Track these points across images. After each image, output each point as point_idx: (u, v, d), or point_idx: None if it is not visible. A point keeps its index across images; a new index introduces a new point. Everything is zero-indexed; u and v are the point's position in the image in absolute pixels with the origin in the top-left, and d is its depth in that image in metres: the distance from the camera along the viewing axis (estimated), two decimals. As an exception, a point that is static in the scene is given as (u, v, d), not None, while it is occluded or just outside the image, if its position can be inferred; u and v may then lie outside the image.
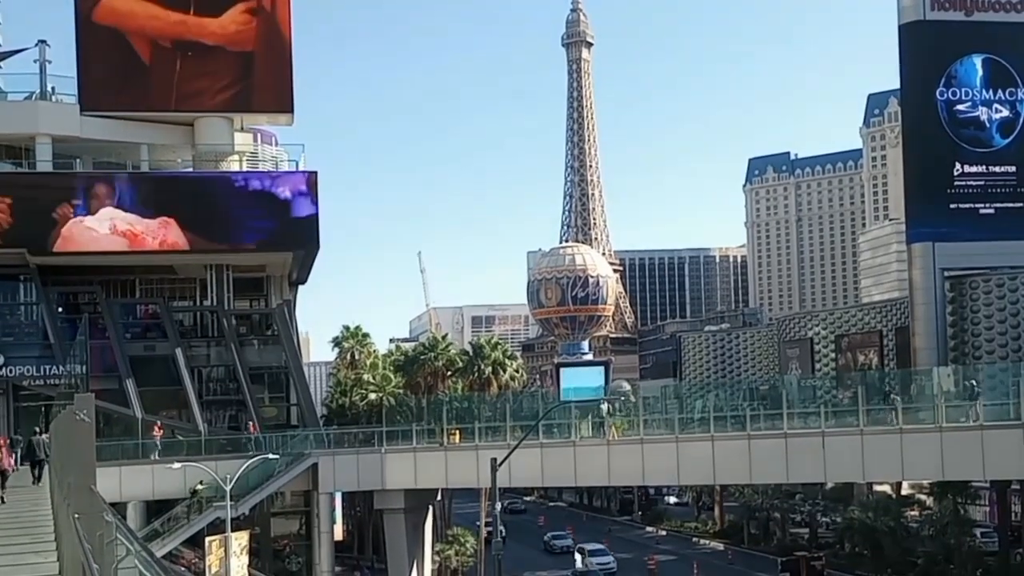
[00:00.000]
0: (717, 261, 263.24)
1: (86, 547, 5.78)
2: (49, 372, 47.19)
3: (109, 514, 6.75)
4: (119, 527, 6.25)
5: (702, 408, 49.42)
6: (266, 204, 49.77)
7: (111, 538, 6.06)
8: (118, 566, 5.32)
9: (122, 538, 5.71)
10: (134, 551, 5.00)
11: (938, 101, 71.02)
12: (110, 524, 6.37)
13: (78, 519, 6.96)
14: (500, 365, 63.85)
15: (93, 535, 6.70)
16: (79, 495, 7.54)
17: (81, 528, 6.56)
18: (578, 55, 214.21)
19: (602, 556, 65.98)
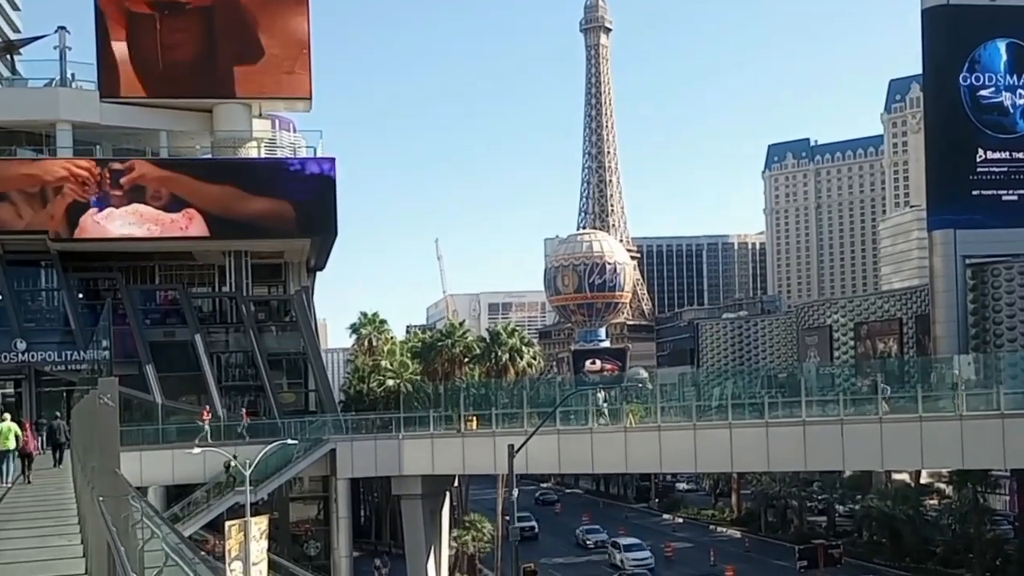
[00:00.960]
0: (735, 248, 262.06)
1: (112, 530, 5.80)
2: (70, 358, 47.62)
3: (134, 497, 6.79)
4: (145, 509, 6.28)
5: (720, 395, 49.29)
6: (284, 190, 49.86)
7: (136, 521, 6.09)
8: (144, 548, 5.34)
9: (148, 521, 5.73)
10: (161, 534, 5.01)
11: (961, 86, 70.43)
12: (135, 506, 6.41)
13: (103, 502, 7.00)
14: (517, 352, 63.80)
15: (118, 517, 6.74)
16: (104, 478, 7.59)
17: (106, 511, 6.60)
18: (596, 41, 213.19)
19: (638, 551, 63.01)
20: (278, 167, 52.42)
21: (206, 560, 4.58)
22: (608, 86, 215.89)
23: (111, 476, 7.52)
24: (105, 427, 7.94)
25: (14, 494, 21.33)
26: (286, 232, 50.57)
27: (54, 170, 47.88)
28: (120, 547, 5.38)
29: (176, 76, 49.75)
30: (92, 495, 8.18)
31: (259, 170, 51.62)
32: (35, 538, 13.27)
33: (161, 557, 4.84)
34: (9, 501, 19.32)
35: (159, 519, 5.63)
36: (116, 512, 6.75)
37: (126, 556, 5.21)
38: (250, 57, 50.43)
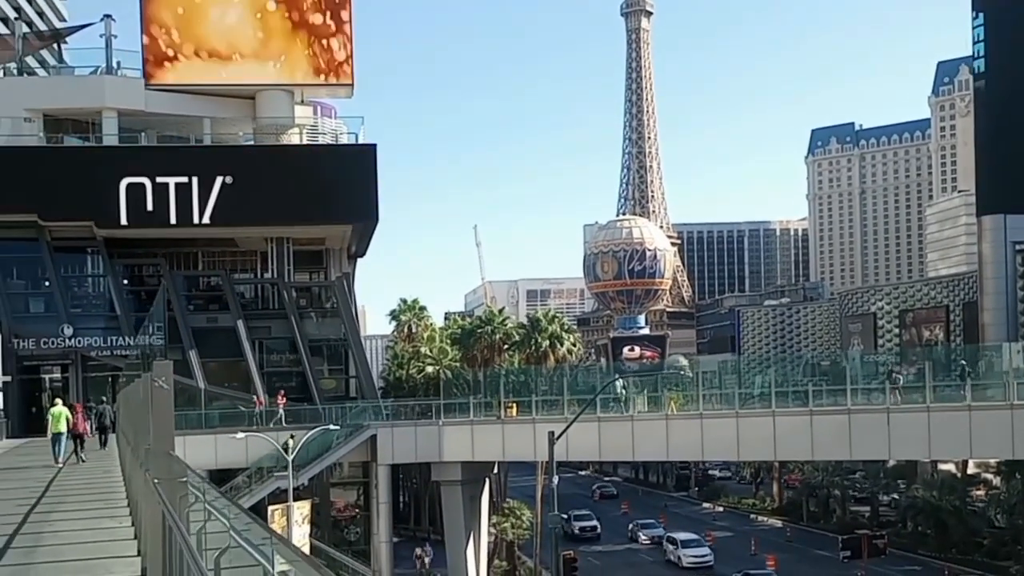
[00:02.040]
0: (777, 234, 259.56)
1: (171, 512, 5.76)
2: (115, 343, 48.24)
3: (191, 478, 6.76)
4: (206, 490, 6.23)
5: (762, 383, 48.80)
6: (326, 176, 50.08)
7: (193, 502, 6.05)
8: (204, 529, 5.28)
9: (211, 507, 5.64)
10: (227, 520, 4.91)
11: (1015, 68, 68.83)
12: (195, 489, 6.36)
13: (159, 484, 6.97)
14: (557, 338, 63.59)
15: (174, 499, 6.71)
16: (159, 460, 7.57)
17: (162, 492, 6.57)
18: (637, 25, 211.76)
19: (696, 548, 59.90)
20: (320, 153, 52.63)
21: (282, 539, 4.45)
22: (649, 71, 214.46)
23: (166, 458, 7.50)
24: (160, 410, 7.93)
25: (65, 475, 21.66)
26: (327, 218, 50.77)
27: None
28: (182, 528, 5.32)
29: (219, 63, 50.05)
30: (146, 477, 8.17)
31: (301, 156, 51.86)
32: (87, 519, 13.42)
33: (222, 539, 4.76)
34: (60, 483, 19.59)
35: (224, 500, 5.50)
36: (172, 494, 6.72)
37: (189, 538, 5.14)
38: (292, 43, 50.57)
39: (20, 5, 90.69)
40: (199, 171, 48.61)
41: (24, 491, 17.82)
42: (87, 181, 47.71)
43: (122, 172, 47.93)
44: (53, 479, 20.38)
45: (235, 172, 48.83)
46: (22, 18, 69.45)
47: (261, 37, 50.58)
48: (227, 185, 48.34)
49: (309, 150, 53.33)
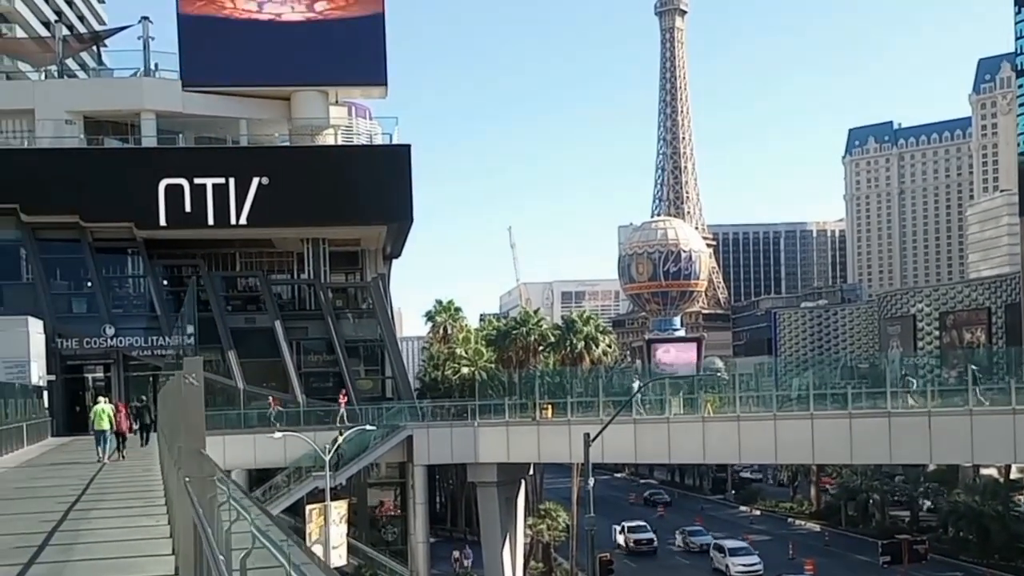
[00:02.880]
0: (814, 235, 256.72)
1: (198, 510, 5.72)
2: (155, 343, 48.77)
3: (220, 477, 6.73)
4: (231, 490, 6.19)
5: (799, 385, 48.27)
6: (361, 177, 50.30)
7: (222, 502, 6.02)
8: (231, 529, 5.23)
9: (236, 503, 5.62)
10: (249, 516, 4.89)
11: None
12: (221, 488, 6.33)
13: (189, 482, 6.96)
14: (593, 340, 63.37)
15: (204, 498, 6.69)
16: (190, 459, 7.57)
17: (192, 491, 6.55)
18: (671, 24, 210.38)
19: (745, 556, 57.84)
20: (354, 154, 52.91)
21: (299, 543, 4.42)
22: (683, 70, 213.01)
23: (197, 457, 7.49)
24: (190, 407, 7.91)
25: (106, 473, 21.92)
26: (362, 219, 51.00)
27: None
28: (207, 528, 5.29)
29: (255, 64, 50.45)
30: (178, 476, 8.18)
31: (336, 157, 52.16)
32: (124, 518, 13.53)
33: (249, 539, 4.72)
34: (100, 481, 19.81)
35: (248, 500, 5.46)
36: (202, 493, 6.70)
37: (212, 537, 5.11)
38: (327, 45, 50.86)
39: (61, 9, 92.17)
40: (236, 172, 49.02)
41: (66, 488, 18.04)
42: (127, 182, 48.27)
43: (161, 173, 48.47)
44: (94, 477, 20.62)
45: (271, 173, 49.19)
46: (62, 21, 70.42)
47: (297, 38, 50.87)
48: (263, 186, 48.70)
49: (344, 151, 53.60)
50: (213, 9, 50.45)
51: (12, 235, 49.27)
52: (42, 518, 13.26)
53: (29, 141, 50.38)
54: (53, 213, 48.08)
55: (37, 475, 23.21)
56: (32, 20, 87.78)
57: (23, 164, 48.39)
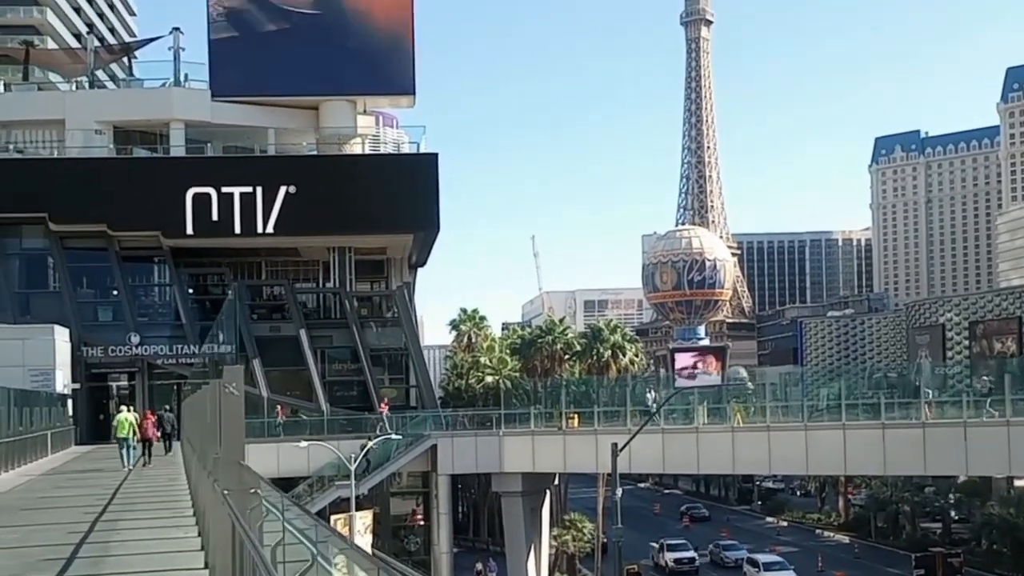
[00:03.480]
0: (839, 244, 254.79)
1: (244, 526, 5.43)
2: (180, 352, 48.77)
3: (264, 490, 6.45)
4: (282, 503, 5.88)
5: (828, 395, 47.63)
6: (388, 185, 50.21)
7: (266, 515, 5.74)
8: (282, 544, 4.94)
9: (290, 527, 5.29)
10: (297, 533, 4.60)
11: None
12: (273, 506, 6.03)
13: (228, 495, 6.68)
14: (619, 348, 62.88)
15: (244, 512, 6.41)
16: (229, 470, 7.29)
17: (233, 505, 6.27)
18: (697, 34, 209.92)
19: (780, 571, 55.35)
20: (381, 163, 52.86)
21: (367, 557, 4.08)
22: (708, 79, 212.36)
23: (237, 468, 7.22)
24: (230, 417, 7.64)
25: (131, 482, 21.77)
26: (389, 228, 50.89)
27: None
28: (256, 543, 4.99)
29: (283, 74, 50.53)
30: (214, 487, 7.90)
31: (363, 166, 52.10)
32: (153, 528, 13.30)
33: (298, 552, 4.43)
34: (126, 490, 19.64)
35: (296, 509, 5.04)
36: (242, 505, 6.42)
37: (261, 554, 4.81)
38: (355, 54, 50.86)
39: (92, 21, 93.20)
40: (263, 181, 49.09)
41: (91, 498, 17.88)
42: (155, 191, 48.42)
43: (188, 182, 48.60)
44: (120, 486, 20.47)
45: (298, 182, 49.22)
46: (94, 33, 71.01)
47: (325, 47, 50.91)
48: (290, 195, 48.73)
49: (371, 160, 53.59)
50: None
51: (40, 244, 49.57)
52: (69, 529, 13.07)
53: (59, 151, 50.71)
54: (81, 222, 48.28)
55: (62, 484, 23.12)
56: (64, 32, 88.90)
57: (52, 173, 48.66)
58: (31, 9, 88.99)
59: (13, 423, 27.48)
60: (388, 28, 51.26)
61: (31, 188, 47.62)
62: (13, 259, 49.91)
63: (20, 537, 12.98)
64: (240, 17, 51.06)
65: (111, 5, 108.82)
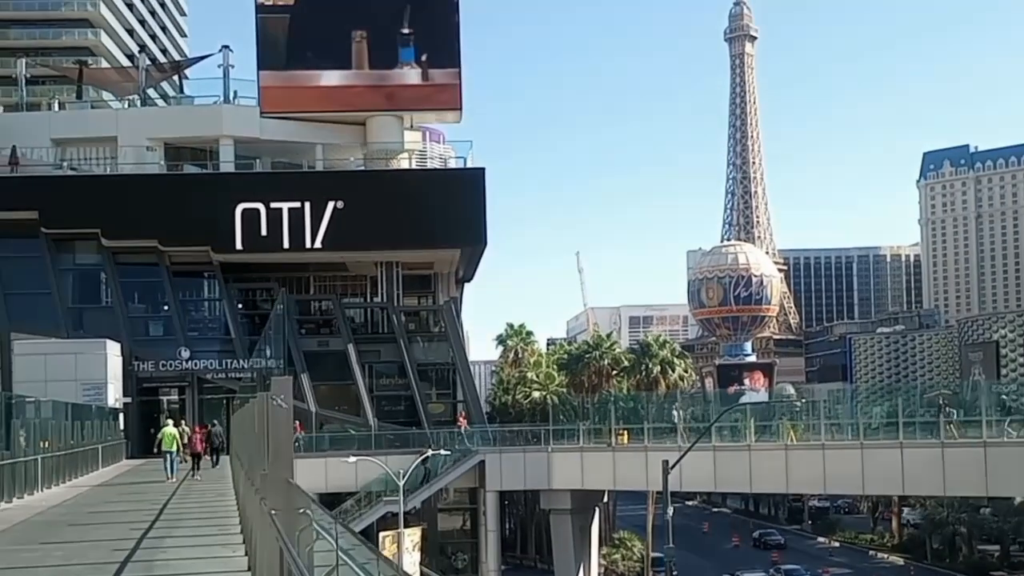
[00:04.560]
0: (888, 260, 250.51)
1: (293, 551, 5.08)
2: (230, 366, 48.99)
3: (315, 512, 6.09)
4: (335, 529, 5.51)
5: (881, 414, 46.40)
6: (435, 201, 50.13)
7: (315, 539, 5.38)
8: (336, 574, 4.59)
9: (346, 557, 4.91)
10: (357, 569, 4.25)
11: None
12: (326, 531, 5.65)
13: (276, 515, 6.34)
14: (669, 364, 62.07)
15: (292, 533, 6.07)
16: (276, 489, 6.95)
17: (281, 527, 5.91)
18: (741, 50, 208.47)
19: None
20: (429, 177, 52.85)
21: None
22: (753, 95, 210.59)
23: (285, 486, 6.87)
24: (278, 431, 7.30)
25: (179, 498, 21.63)
26: (436, 242, 50.78)
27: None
28: (304, 571, 4.63)
29: (331, 91, 50.77)
30: (262, 506, 7.58)
31: (410, 181, 52.12)
32: (200, 547, 13.04)
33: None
34: (174, 506, 19.49)
35: (352, 538, 4.61)
36: (290, 527, 6.08)
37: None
38: (402, 70, 50.95)
39: (144, 43, 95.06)
40: (311, 196, 49.28)
41: (139, 513, 17.74)
42: (205, 207, 48.81)
43: (238, 198, 48.94)
44: (168, 501, 20.34)
45: (346, 197, 49.33)
46: (146, 53, 72.18)
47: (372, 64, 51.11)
48: (338, 210, 48.84)
49: (418, 175, 53.57)
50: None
51: (93, 259, 50.16)
52: (115, 546, 12.87)
53: (111, 168, 51.40)
54: (133, 238, 48.82)
55: (111, 498, 23.09)
56: (117, 53, 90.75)
57: (105, 190, 49.29)
58: (85, 31, 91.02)
59: (66, 437, 27.65)
60: (435, 44, 51.28)
61: (85, 204, 48.26)
62: (67, 274, 50.54)
63: (65, 555, 12.81)
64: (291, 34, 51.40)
65: (163, 27, 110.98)
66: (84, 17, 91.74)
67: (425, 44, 51.49)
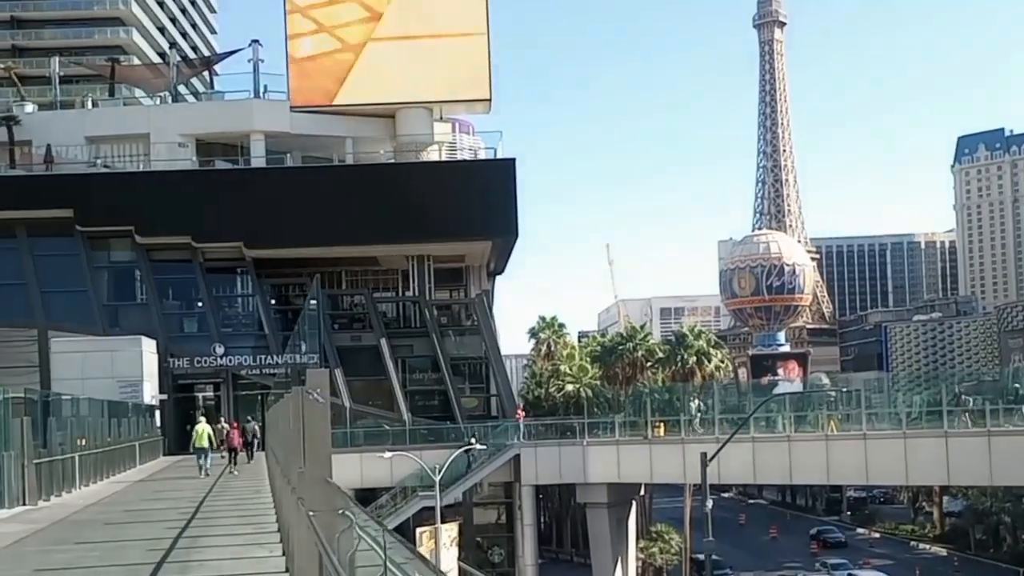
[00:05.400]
0: (922, 247, 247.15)
1: (332, 557, 4.71)
2: (264, 362, 48.95)
3: (357, 515, 5.72)
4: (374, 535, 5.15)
5: (921, 402, 45.46)
6: (466, 192, 49.79)
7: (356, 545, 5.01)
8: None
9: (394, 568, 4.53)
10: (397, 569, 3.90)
11: None
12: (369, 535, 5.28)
13: (314, 517, 5.99)
14: (705, 355, 61.24)
15: (333, 537, 5.71)
16: (314, 489, 6.58)
17: (321, 530, 5.55)
18: (770, 36, 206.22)
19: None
20: (459, 169, 52.50)
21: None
22: (783, 82, 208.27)
23: (323, 486, 6.50)
24: (314, 427, 6.92)
25: (215, 495, 21.47)
26: (468, 234, 50.45)
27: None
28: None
29: (361, 83, 50.55)
30: (298, 506, 7.22)
31: (441, 173, 51.80)
32: (236, 547, 12.78)
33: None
34: (209, 504, 19.31)
35: (402, 548, 4.20)
36: (329, 529, 5.72)
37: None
38: (431, 61, 50.64)
39: (175, 40, 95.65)
40: (342, 190, 49.13)
41: (175, 511, 17.57)
42: (236, 202, 48.79)
43: (269, 193, 48.89)
44: (204, 499, 20.17)
45: (376, 190, 49.11)
46: (177, 49, 72.44)
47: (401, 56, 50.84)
48: (369, 203, 48.63)
49: (448, 166, 53.28)
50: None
51: (127, 256, 50.33)
52: (150, 546, 12.64)
53: (144, 164, 51.54)
54: (166, 234, 48.88)
55: (148, 495, 23.02)
56: (148, 51, 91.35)
57: (138, 187, 49.44)
58: (117, 30, 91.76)
59: (102, 434, 27.71)
60: (464, 34, 50.87)
61: (118, 202, 48.41)
62: (102, 272, 50.76)
63: (100, 556, 12.60)
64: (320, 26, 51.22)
65: (193, 24, 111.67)
66: (116, 16, 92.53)
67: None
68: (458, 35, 50.83)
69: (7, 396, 19.58)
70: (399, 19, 51.02)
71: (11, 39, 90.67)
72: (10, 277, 48.72)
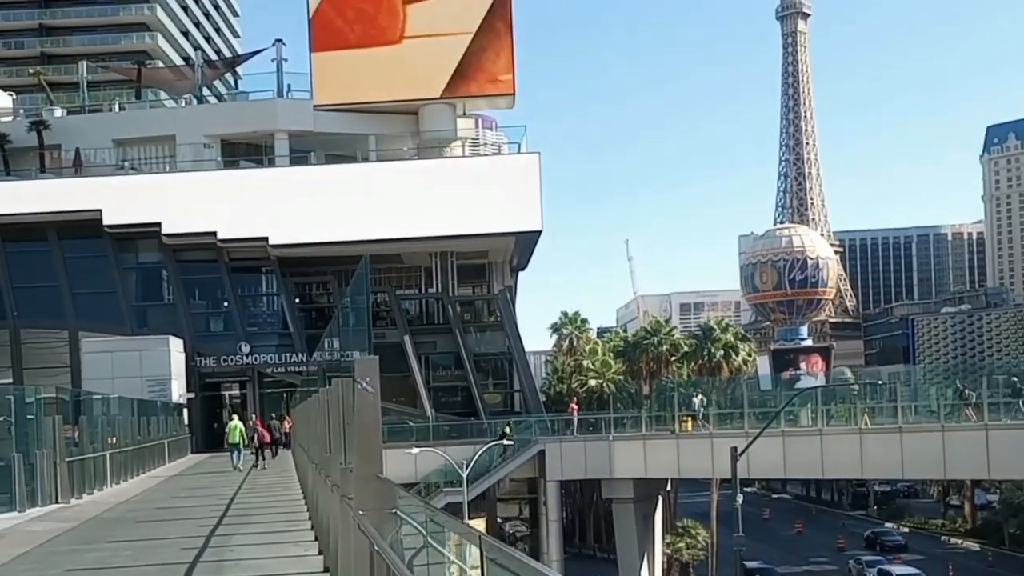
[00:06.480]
0: (949, 239, 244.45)
1: (392, 559, 4.47)
2: (289, 360, 49.05)
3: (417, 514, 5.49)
4: (443, 534, 4.89)
5: (953, 395, 44.81)
6: (490, 188, 49.55)
7: (422, 547, 4.78)
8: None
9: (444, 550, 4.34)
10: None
11: None
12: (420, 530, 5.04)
13: (364, 517, 5.76)
14: (732, 348, 60.55)
15: (385, 537, 5.49)
16: (365, 486, 6.33)
17: (372, 532, 5.30)
18: (793, 27, 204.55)
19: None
20: (483, 165, 52.28)
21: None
22: (807, 74, 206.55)
23: (375, 483, 6.25)
24: (364, 419, 6.65)
25: (245, 492, 21.40)
26: (491, 230, 50.22)
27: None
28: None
29: (383, 81, 50.41)
30: (344, 506, 7.00)
31: (464, 169, 51.60)
32: (270, 544, 12.64)
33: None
34: (240, 501, 19.23)
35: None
36: (383, 531, 5.49)
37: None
38: (454, 57, 50.41)
39: (199, 44, 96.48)
40: (365, 187, 49.00)
41: (206, 509, 17.49)
42: (261, 202, 48.78)
43: (293, 192, 48.86)
44: (234, 496, 20.11)
45: (400, 187, 48.95)
46: (201, 53, 72.76)
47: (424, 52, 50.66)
48: (392, 200, 48.49)
49: (472, 162, 53.03)
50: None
51: (155, 257, 50.58)
52: (183, 545, 12.53)
53: (170, 166, 51.75)
54: (192, 235, 48.97)
55: (178, 493, 23.00)
56: (173, 55, 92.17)
57: (165, 188, 49.58)
58: (143, 36, 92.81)
59: (132, 432, 27.81)
60: (487, 29, 50.61)
61: (146, 203, 48.58)
62: (130, 273, 51.10)
63: (133, 555, 12.49)
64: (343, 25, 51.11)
65: (217, 29, 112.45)
66: (141, 21, 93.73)
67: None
68: (481, 31, 50.57)
69: (39, 396, 19.64)
70: (422, 16, 50.83)
71: (40, 46, 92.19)
72: (42, 279, 49.17)
